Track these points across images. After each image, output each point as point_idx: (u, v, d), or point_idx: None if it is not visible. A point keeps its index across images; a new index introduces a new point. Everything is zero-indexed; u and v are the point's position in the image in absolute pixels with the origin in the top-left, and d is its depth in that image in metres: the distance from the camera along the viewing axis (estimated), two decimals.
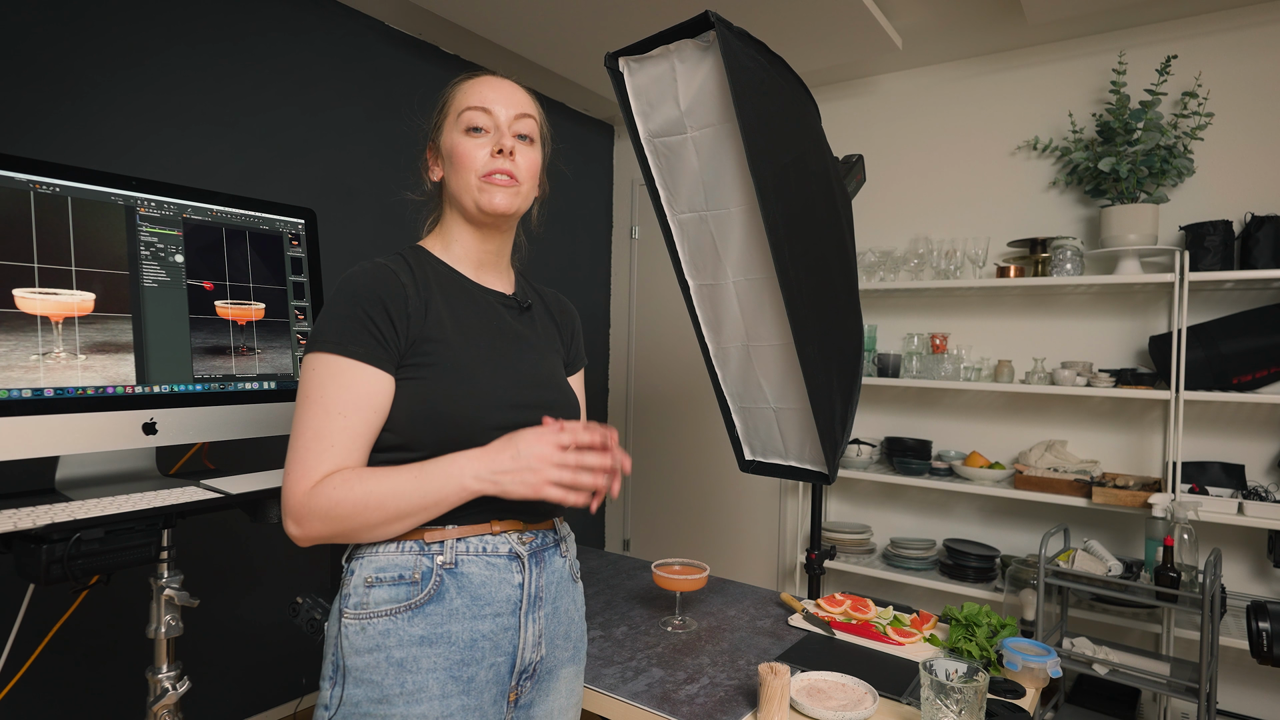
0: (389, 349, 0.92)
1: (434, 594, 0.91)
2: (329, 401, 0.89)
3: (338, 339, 0.90)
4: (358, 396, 0.89)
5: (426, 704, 0.89)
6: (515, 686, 0.98)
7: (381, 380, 0.91)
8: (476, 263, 1.06)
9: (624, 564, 1.97)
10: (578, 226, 3.62)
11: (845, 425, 1.59)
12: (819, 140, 1.58)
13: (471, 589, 0.93)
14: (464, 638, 0.92)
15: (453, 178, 1.02)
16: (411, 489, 0.87)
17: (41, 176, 1.21)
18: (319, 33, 2.45)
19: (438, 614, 0.91)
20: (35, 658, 1.68)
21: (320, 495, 0.87)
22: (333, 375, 0.89)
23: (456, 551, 0.93)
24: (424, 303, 0.96)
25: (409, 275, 0.97)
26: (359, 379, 0.90)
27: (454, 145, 1.01)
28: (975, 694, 1.04)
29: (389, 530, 0.89)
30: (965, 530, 2.82)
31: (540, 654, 0.99)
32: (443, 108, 1.06)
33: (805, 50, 2.61)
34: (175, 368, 1.37)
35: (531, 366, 1.04)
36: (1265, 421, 2.33)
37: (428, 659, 0.90)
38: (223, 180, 2.18)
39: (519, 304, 1.09)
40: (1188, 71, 2.41)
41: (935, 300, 2.90)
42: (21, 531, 1.03)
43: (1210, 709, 1.85)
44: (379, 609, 0.90)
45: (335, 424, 0.88)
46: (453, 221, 1.06)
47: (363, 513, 0.87)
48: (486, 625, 0.93)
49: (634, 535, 3.76)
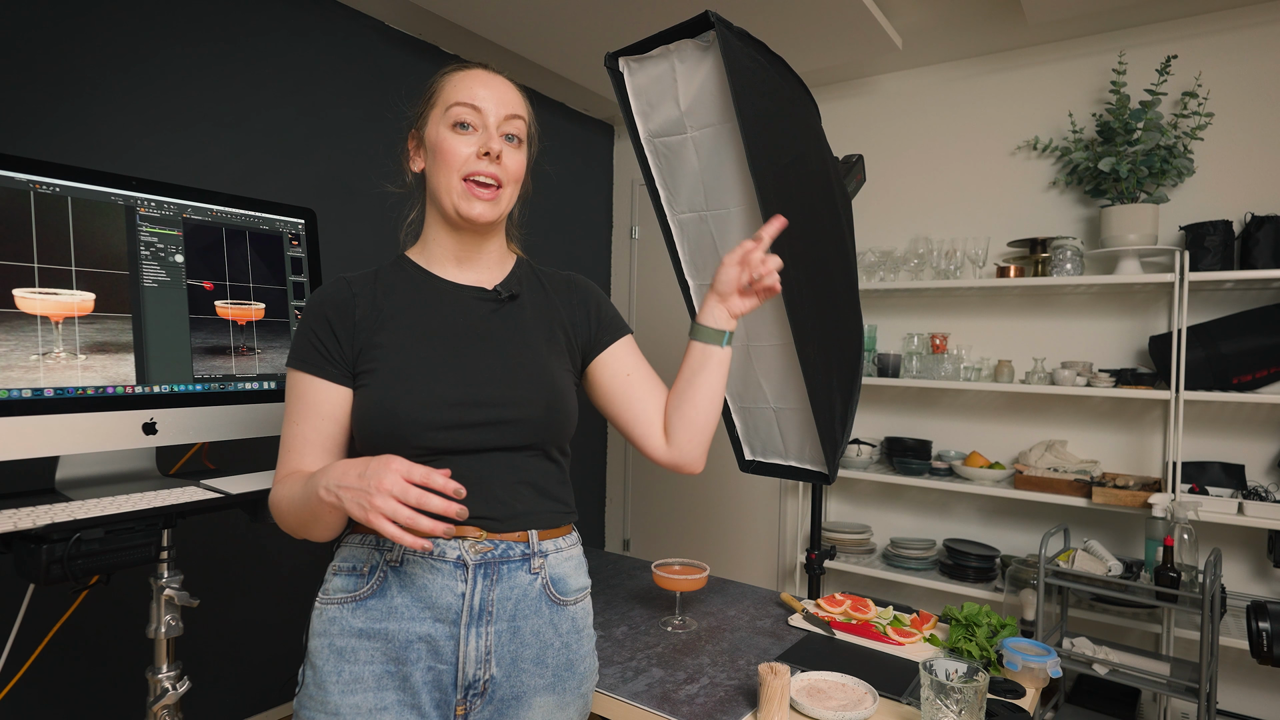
0: (333, 360, 0.96)
1: (377, 589, 0.93)
2: (289, 411, 0.97)
3: (292, 354, 0.98)
4: (306, 405, 0.96)
5: (361, 694, 0.91)
6: (462, 701, 0.92)
7: (328, 390, 0.96)
8: (456, 259, 1.04)
9: (624, 564, 1.97)
10: (578, 226, 3.62)
11: (845, 425, 1.59)
12: (819, 140, 1.58)
13: (413, 590, 0.93)
14: (400, 637, 0.92)
15: (434, 173, 0.99)
16: (298, 495, 0.89)
17: (41, 176, 1.21)
18: (319, 33, 2.45)
19: (378, 609, 0.92)
20: (35, 658, 1.68)
21: (272, 494, 0.96)
22: (290, 387, 0.98)
23: (404, 550, 0.93)
24: (376, 310, 0.99)
25: (369, 285, 1.01)
26: (307, 389, 0.96)
27: (439, 140, 0.98)
28: (975, 694, 1.04)
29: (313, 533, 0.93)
30: (965, 530, 2.82)
31: (489, 673, 0.93)
32: (430, 97, 1.02)
33: (805, 50, 2.61)
34: (175, 368, 1.37)
35: (496, 362, 0.98)
36: (1265, 421, 2.33)
37: (365, 651, 0.91)
38: (223, 180, 2.18)
39: (497, 296, 1.03)
40: (1188, 71, 2.41)
41: (935, 300, 2.90)
42: (21, 531, 1.03)
43: (1210, 709, 1.85)
44: (334, 597, 0.95)
45: (291, 431, 0.97)
46: (432, 220, 1.04)
47: (286, 513, 0.94)
48: (424, 628, 0.92)
49: (634, 535, 3.76)
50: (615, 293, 3.83)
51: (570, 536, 1.06)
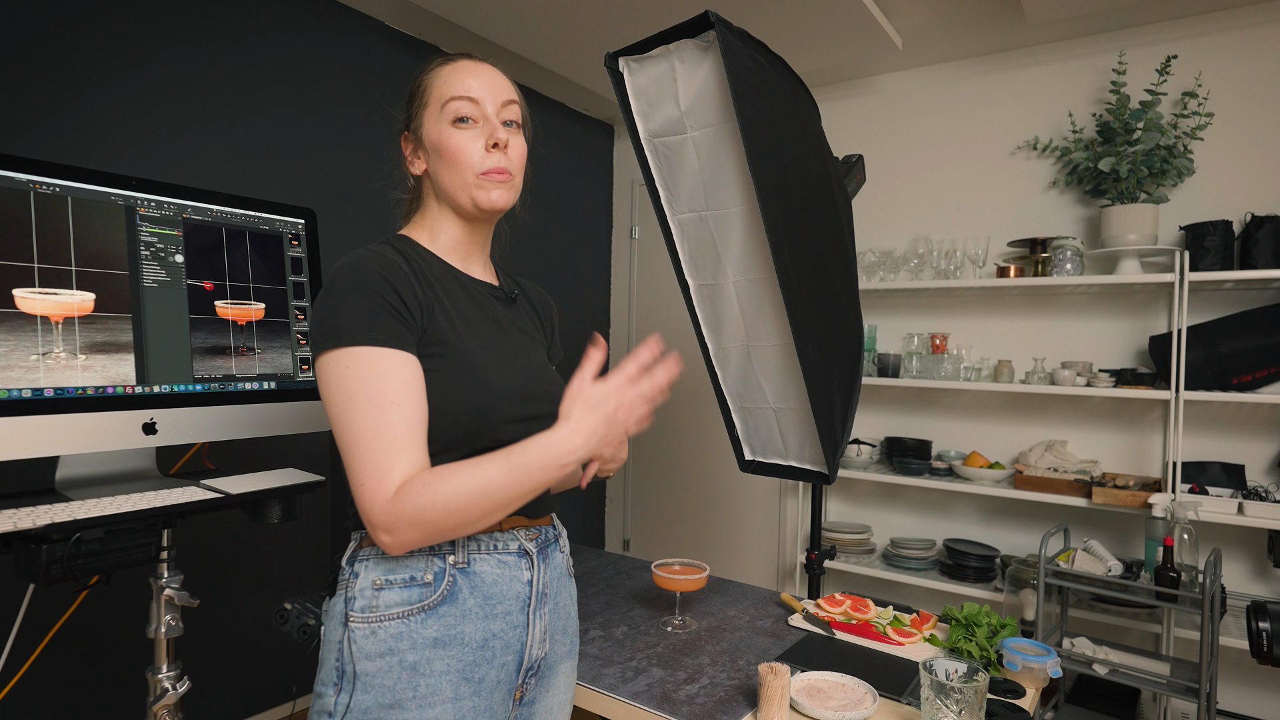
0: (414, 332, 0.88)
1: (447, 594, 0.89)
2: (379, 395, 0.82)
3: (365, 329, 0.84)
4: (405, 382, 0.84)
5: (440, 707, 0.87)
6: (521, 684, 0.97)
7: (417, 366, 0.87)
8: (464, 254, 1.03)
9: (624, 564, 1.97)
10: (578, 226, 3.61)
11: (845, 425, 1.59)
12: (819, 140, 1.58)
13: (484, 588, 0.92)
14: (477, 638, 0.90)
15: (445, 173, 0.97)
16: (507, 482, 0.82)
17: (41, 176, 1.21)
18: (319, 33, 2.45)
19: (451, 615, 0.89)
20: (35, 658, 1.68)
21: (405, 502, 0.80)
22: (372, 366, 0.83)
23: (469, 551, 0.92)
24: (426, 295, 0.92)
25: (407, 266, 0.93)
26: (399, 365, 0.84)
27: (443, 139, 0.96)
28: (975, 694, 1.04)
29: (482, 525, 0.85)
30: (965, 530, 2.82)
31: (545, 650, 0.99)
32: (421, 96, 0.99)
33: (805, 50, 2.61)
34: (175, 368, 1.37)
35: (529, 357, 1.03)
36: (1265, 421, 2.33)
37: (441, 661, 0.88)
38: (223, 180, 2.18)
39: (506, 295, 1.07)
40: (1188, 71, 2.41)
41: (935, 300, 2.90)
42: (21, 531, 1.03)
43: (1210, 709, 1.85)
44: (390, 611, 0.88)
45: (393, 415, 0.82)
46: (440, 214, 1.02)
47: (455, 514, 0.81)
48: (498, 624, 0.92)
49: (634, 535, 3.76)
50: (615, 293, 3.83)
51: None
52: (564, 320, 1.21)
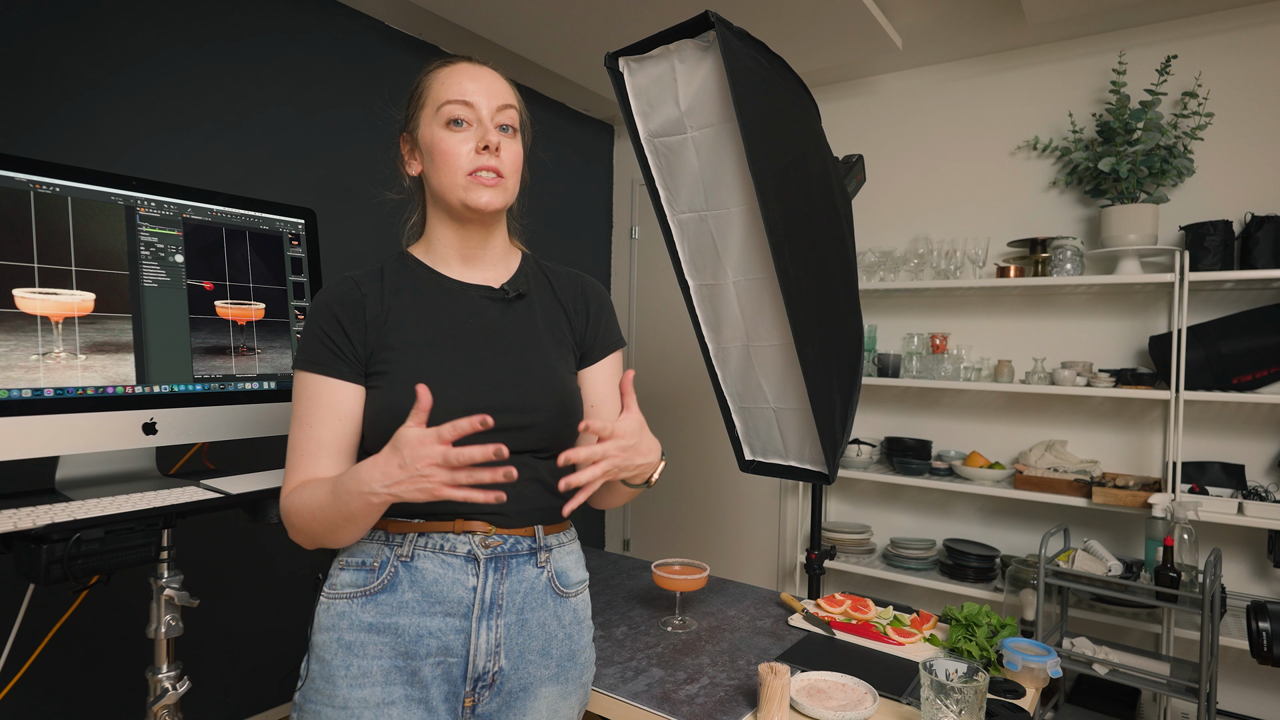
0: (347, 359, 0.95)
1: (387, 584, 0.93)
2: (300, 414, 0.95)
3: (303, 356, 0.96)
4: (321, 407, 0.94)
5: (369, 688, 0.91)
6: (471, 693, 0.95)
7: (344, 390, 0.95)
8: (462, 257, 1.03)
9: (624, 564, 1.97)
10: (578, 226, 3.61)
11: (845, 425, 1.59)
12: (819, 140, 1.58)
13: (424, 585, 0.93)
14: (411, 631, 0.92)
15: (436, 175, 0.98)
16: (328, 503, 0.88)
17: (41, 176, 1.21)
18: (319, 33, 2.45)
19: (389, 604, 0.93)
20: (35, 658, 1.68)
21: (286, 502, 0.93)
22: (302, 390, 0.95)
23: (415, 545, 0.94)
24: (386, 309, 0.97)
25: (376, 284, 0.99)
26: (321, 391, 0.94)
27: (435, 141, 0.97)
28: (975, 694, 1.04)
29: (336, 539, 0.92)
30: (965, 530, 2.82)
31: (499, 665, 0.95)
32: (418, 98, 1.00)
33: (805, 50, 2.61)
34: (175, 368, 1.37)
35: (507, 366, 0.98)
36: (1265, 421, 2.33)
37: (374, 645, 0.92)
38: (223, 180, 2.18)
39: (505, 295, 1.03)
40: (1188, 71, 2.41)
41: (935, 300, 2.90)
42: (21, 531, 1.03)
43: (1210, 709, 1.85)
44: (342, 591, 0.94)
45: (303, 434, 0.94)
46: (435, 218, 1.03)
47: (308, 522, 0.91)
48: (435, 623, 0.93)
49: (634, 535, 3.76)
50: (615, 293, 3.83)
51: (570, 531, 1.09)
52: None
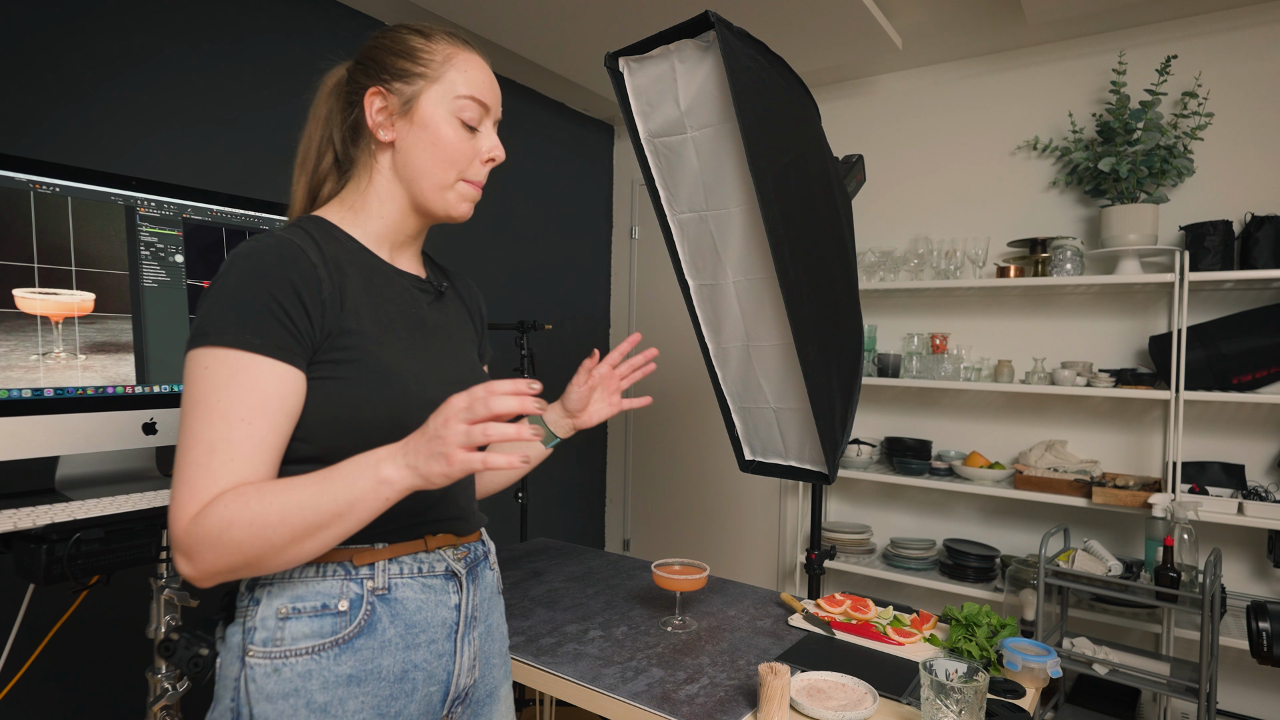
0: (301, 341, 0.77)
1: (365, 625, 0.80)
2: (229, 406, 0.72)
3: (239, 330, 0.73)
4: (266, 398, 0.74)
5: None
6: (447, 714, 0.91)
7: (293, 378, 0.76)
8: (394, 244, 0.93)
9: (624, 564, 1.97)
10: (578, 226, 3.61)
11: (845, 425, 1.59)
12: (819, 140, 1.58)
13: (407, 616, 0.83)
14: (395, 670, 0.82)
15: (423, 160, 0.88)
16: (318, 495, 0.71)
17: (41, 176, 1.21)
18: (319, 33, 2.45)
19: (368, 648, 0.80)
20: (35, 658, 1.68)
21: (209, 518, 0.69)
22: (233, 374, 0.73)
23: (389, 574, 0.82)
24: (338, 287, 0.81)
25: (318, 254, 0.81)
26: (267, 377, 0.74)
27: (443, 131, 0.88)
28: (975, 694, 1.04)
29: (298, 552, 0.72)
30: (965, 530, 2.82)
31: (474, 677, 0.92)
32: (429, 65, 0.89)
33: (805, 50, 2.61)
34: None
35: (452, 360, 0.94)
36: (1265, 421, 2.33)
37: (354, 700, 0.79)
38: (222, 180, 2.18)
39: (435, 289, 0.97)
40: (1188, 71, 2.41)
41: (935, 300, 2.90)
42: (21, 531, 1.03)
43: (1210, 709, 1.85)
44: (296, 646, 0.77)
45: (237, 433, 0.72)
46: (385, 196, 0.90)
47: (263, 532, 0.70)
48: (420, 655, 0.84)
49: (634, 535, 3.76)
50: (615, 293, 3.83)
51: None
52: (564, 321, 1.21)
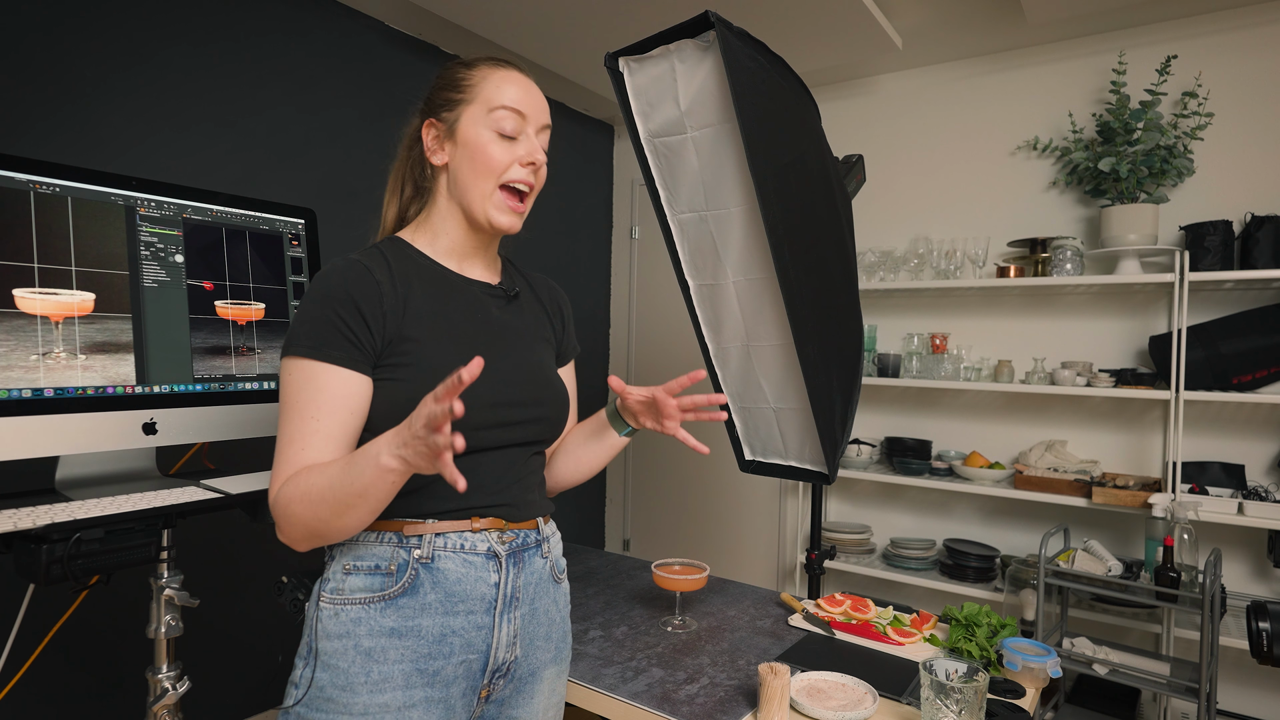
0: (363, 350, 0.91)
1: (408, 587, 0.91)
2: (303, 406, 0.88)
3: (310, 343, 0.89)
4: (331, 399, 0.89)
5: (390, 694, 0.90)
6: (488, 684, 0.97)
7: (356, 381, 0.90)
8: (463, 255, 1.04)
9: (624, 564, 1.97)
10: (578, 226, 3.61)
11: (845, 425, 1.59)
12: (819, 140, 1.58)
13: (446, 585, 0.92)
14: (434, 632, 0.91)
15: (467, 174, 0.98)
16: (341, 477, 0.83)
17: (41, 176, 1.21)
18: (319, 33, 2.45)
19: (410, 607, 0.91)
20: (35, 658, 1.68)
21: (281, 496, 0.87)
22: (307, 380, 0.89)
23: (434, 546, 0.93)
24: (402, 299, 0.94)
25: (385, 271, 0.95)
26: (332, 381, 0.89)
27: (480, 142, 0.97)
28: (975, 694, 1.04)
29: (345, 524, 0.85)
30: (965, 530, 2.82)
31: (515, 654, 0.99)
32: (465, 90, 0.99)
33: (805, 50, 2.61)
34: (175, 368, 1.37)
35: (518, 361, 1.02)
36: (1265, 421, 2.33)
37: (395, 650, 0.90)
38: (222, 180, 2.18)
39: (505, 293, 1.06)
40: (1188, 71, 2.41)
41: (935, 300, 2.90)
42: (21, 531, 1.03)
43: (1210, 709, 1.85)
44: (353, 596, 0.91)
45: (309, 427, 0.88)
46: (448, 212, 1.02)
47: (311, 508, 0.85)
48: (459, 621, 0.93)
49: (634, 535, 3.76)
50: (615, 293, 3.83)
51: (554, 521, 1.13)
52: None
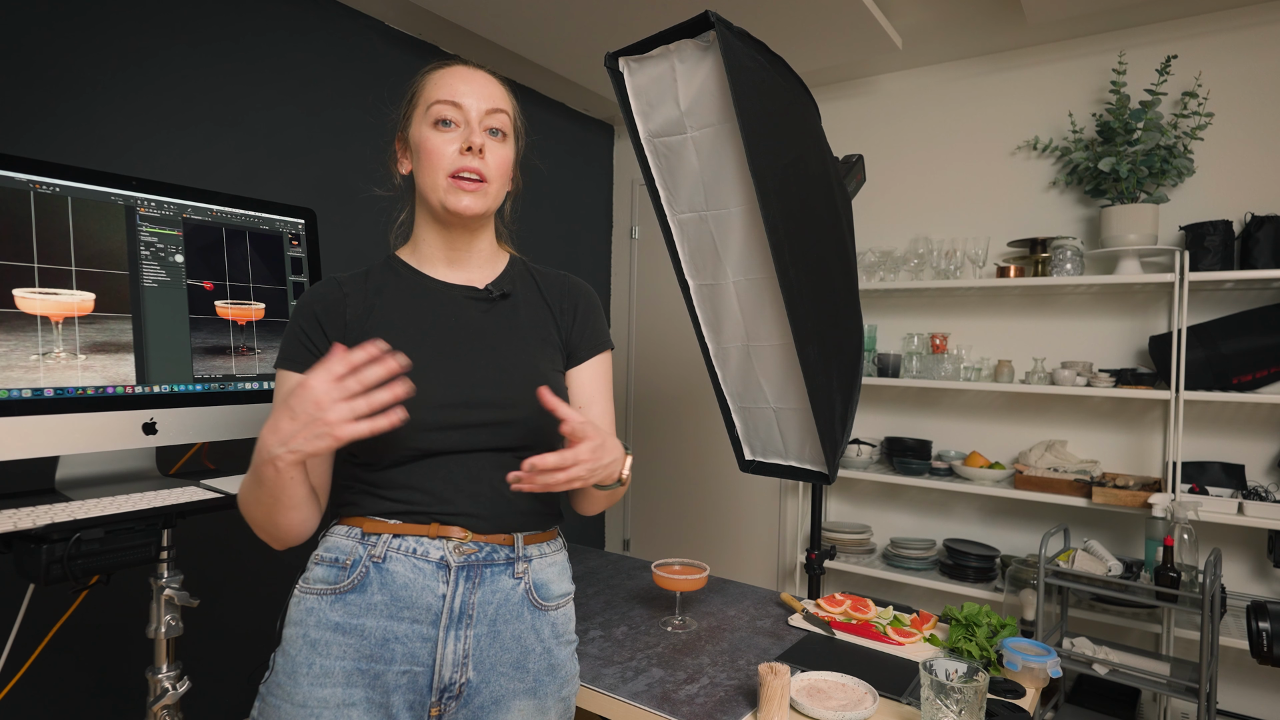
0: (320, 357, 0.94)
1: (357, 584, 0.92)
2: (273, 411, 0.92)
3: (282, 354, 0.99)
4: None
5: (330, 689, 0.90)
6: (437, 703, 0.93)
7: None
8: (447, 259, 1.04)
9: (624, 564, 1.97)
10: (578, 226, 3.61)
11: (845, 425, 1.59)
12: (819, 140, 1.58)
13: (393, 588, 0.92)
14: (377, 634, 0.91)
15: (420, 174, 1.00)
16: (254, 481, 0.87)
17: (41, 176, 1.21)
18: (319, 33, 2.45)
19: (357, 604, 0.92)
20: (35, 658, 1.68)
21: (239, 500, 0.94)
22: (279, 387, 0.98)
23: (389, 547, 0.93)
24: (368, 306, 0.99)
25: (358, 283, 1.02)
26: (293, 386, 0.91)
27: (422, 140, 0.98)
28: (975, 694, 1.04)
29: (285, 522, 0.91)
30: (965, 530, 2.82)
31: (466, 677, 0.93)
32: (411, 98, 1.03)
33: (805, 50, 2.61)
34: (175, 368, 1.37)
35: (487, 363, 0.98)
36: (1265, 421, 2.33)
37: (338, 645, 0.91)
38: (223, 180, 2.18)
39: (489, 295, 1.04)
40: (1188, 71, 2.41)
41: (935, 300, 2.90)
42: (21, 531, 1.03)
43: (1210, 709, 1.85)
44: (314, 586, 0.94)
45: None
46: (421, 219, 1.05)
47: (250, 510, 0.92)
48: (403, 628, 0.91)
49: (634, 535, 3.76)
50: (615, 293, 3.83)
51: (555, 542, 1.06)
52: None
